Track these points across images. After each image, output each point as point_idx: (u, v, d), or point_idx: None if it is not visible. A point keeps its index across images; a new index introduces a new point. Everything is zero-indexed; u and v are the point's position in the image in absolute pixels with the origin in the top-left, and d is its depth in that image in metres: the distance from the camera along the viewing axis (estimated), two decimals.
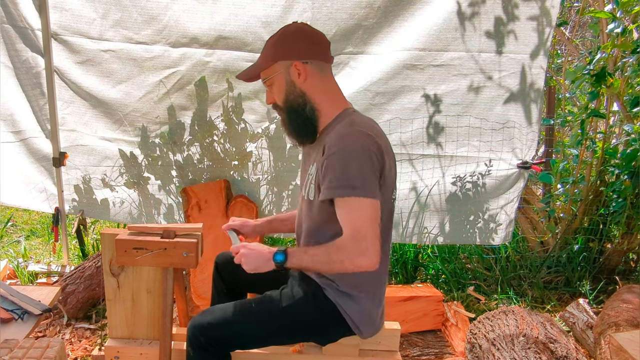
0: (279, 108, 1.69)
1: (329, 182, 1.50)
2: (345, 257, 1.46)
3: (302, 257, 1.53)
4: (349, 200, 1.48)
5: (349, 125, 1.56)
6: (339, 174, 1.48)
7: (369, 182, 1.49)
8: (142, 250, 1.71)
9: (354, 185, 1.47)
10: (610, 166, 3.29)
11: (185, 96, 3.01)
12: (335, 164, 1.49)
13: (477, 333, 2.38)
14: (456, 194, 3.14)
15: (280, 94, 1.65)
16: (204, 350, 1.58)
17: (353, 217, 1.47)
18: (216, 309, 1.66)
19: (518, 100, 2.96)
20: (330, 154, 1.51)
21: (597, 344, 2.32)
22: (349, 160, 1.48)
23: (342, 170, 1.48)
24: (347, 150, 1.49)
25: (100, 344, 2.54)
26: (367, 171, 1.49)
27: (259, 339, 1.66)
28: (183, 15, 2.81)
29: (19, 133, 3.15)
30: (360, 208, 1.47)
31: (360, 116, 1.65)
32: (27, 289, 2.10)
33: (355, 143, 1.50)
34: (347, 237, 1.47)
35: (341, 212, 1.51)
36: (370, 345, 1.82)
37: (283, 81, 1.63)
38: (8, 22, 2.89)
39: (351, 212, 1.48)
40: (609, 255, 3.37)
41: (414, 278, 3.29)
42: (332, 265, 1.49)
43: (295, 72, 1.61)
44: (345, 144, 1.50)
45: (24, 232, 4.19)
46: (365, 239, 1.45)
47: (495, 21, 2.83)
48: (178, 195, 3.18)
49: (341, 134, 1.54)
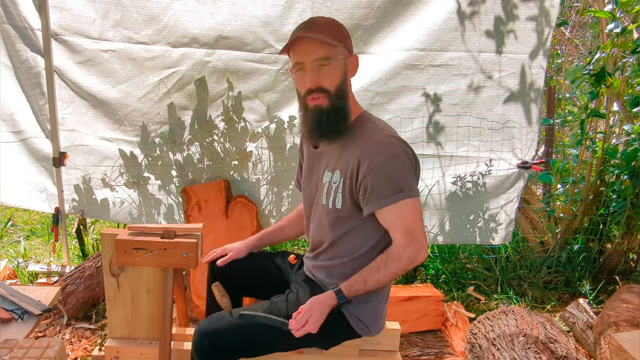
0: (325, 93, 1.57)
1: (380, 194, 1.52)
2: (404, 263, 1.53)
3: (360, 288, 1.55)
4: (397, 205, 1.52)
5: (379, 132, 1.58)
6: (389, 184, 1.51)
7: (411, 182, 1.54)
8: (142, 250, 1.71)
9: (402, 188, 1.51)
10: (610, 166, 3.29)
11: (185, 96, 3.01)
12: (381, 175, 1.51)
13: (477, 333, 2.38)
14: (456, 194, 3.14)
15: (335, 80, 1.58)
16: (209, 356, 1.57)
17: (403, 219, 1.53)
18: (222, 315, 1.64)
19: (518, 100, 2.96)
20: (375, 165, 1.52)
21: (597, 344, 2.32)
22: (393, 168, 1.51)
23: (391, 178, 1.51)
24: (389, 158, 1.52)
25: (100, 344, 2.54)
26: (408, 173, 1.54)
27: (264, 346, 1.65)
28: (183, 15, 2.81)
29: (19, 133, 3.15)
30: (408, 209, 1.53)
31: (379, 120, 1.67)
32: (27, 289, 2.10)
33: (395, 149, 1.53)
34: (401, 239, 1.53)
35: (390, 217, 1.54)
36: (370, 345, 1.82)
37: (341, 68, 1.59)
38: (8, 22, 2.89)
39: (400, 215, 1.53)
40: (609, 255, 3.37)
41: (414, 278, 3.29)
42: (393, 277, 1.56)
43: (352, 64, 1.63)
44: (386, 153, 1.52)
45: (24, 232, 4.19)
46: (419, 234, 1.53)
47: (495, 21, 2.82)
48: (178, 195, 3.18)
49: (377, 142, 1.55)
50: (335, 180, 1.61)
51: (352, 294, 1.55)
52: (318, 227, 1.71)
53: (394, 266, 1.53)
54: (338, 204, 1.61)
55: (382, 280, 1.54)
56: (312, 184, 1.74)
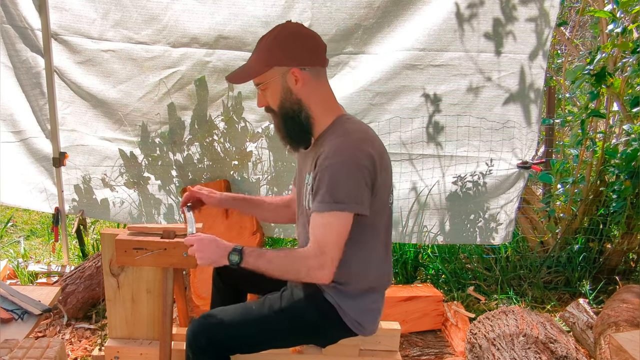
0: (273, 112, 1.64)
1: (321, 197, 1.50)
2: (304, 268, 1.51)
3: (257, 260, 1.53)
4: (328, 215, 1.49)
5: (343, 136, 1.54)
6: (327, 189, 1.48)
7: (354, 196, 1.49)
8: (142, 250, 1.71)
9: (337, 199, 1.48)
10: (610, 166, 3.29)
11: (185, 96, 3.01)
12: (325, 178, 1.49)
13: (477, 333, 2.38)
14: (456, 193, 3.14)
15: (276, 100, 1.61)
16: (203, 353, 1.57)
17: (323, 232, 1.50)
18: (216, 312, 1.65)
19: (517, 101, 2.96)
20: (323, 167, 1.50)
21: (597, 344, 2.32)
22: (338, 174, 1.48)
23: (330, 184, 1.48)
24: (337, 164, 1.48)
25: (100, 344, 2.54)
26: (354, 185, 1.49)
27: (259, 342, 1.66)
28: (183, 15, 2.81)
29: (19, 133, 3.15)
30: (335, 223, 1.49)
31: (354, 123, 1.63)
32: (27, 289, 2.10)
33: (347, 157, 1.49)
34: (311, 249, 1.51)
35: (314, 223, 1.52)
36: (370, 345, 1.82)
37: (279, 87, 1.59)
38: (8, 22, 2.89)
39: (324, 226, 1.50)
40: (609, 255, 3.37)
41: (414, 278, 3.29)
42: (287, 273, 1.55)
43: (293, 78, 1.57)
44: (337, 158, 1.49)
45: (24, 232, 4.19)
46: (326, 255, 1.49)
47: (494, 21, 2.82)
48: (178, 195, 3.18)
49: (335, 146, 1.52)
50: (309, 182, 1.61)
51: (252, 262, 1.53)
52: (302, 228, 1.72)
53: (297, 264, 1.51)
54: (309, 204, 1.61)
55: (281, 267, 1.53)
56: (300, 186, 1.75)
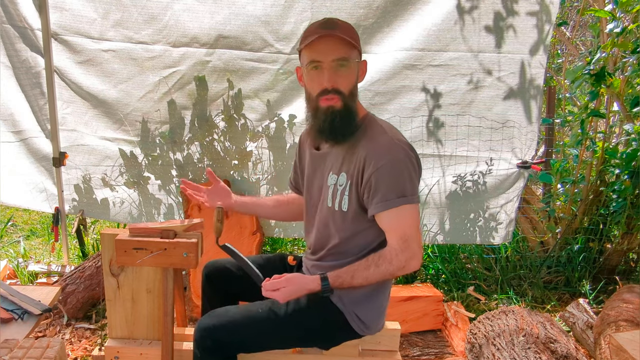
0: (339, 95, 1.56)
1: (382, 196, 1.52)
2: (397, 267, 1.53)
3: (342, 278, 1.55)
4: (397, 210, 1.52)
5: (384, 134, 1.58)
6: (392, 187, 1.52)
7: (414, 188, 1.55)
8: (142, 250, 1.71)
9: (405, 194, 1.52)
10: (610, 166, 3.28)
11: (185, 95, 3.01)
12: (385, 177, 1.52)
13: (477, 333, 2.38)
14: (456, 193, 3.14)
15: (350, 82, 1.58)
16: (210, 352, 1.58)
17: (401, 225, 1.53)
18: (223, 311, 1.65)
19: (518, 99, 2.96)
20: (379, 167, 1.52)
21: (597, 344, 2.32)
22: (397, 171, 1.52)
23: (395, 182, 1.52)
24: (395, 161, 1.53)
25: (100, 344, 2.54)
26: (414, 178, 1.55)
27: (264, 344, 1.66)
28: (183, 14, 2.81)
29: (19, 133, 3.15)
30: (408, 215, 1.54)
31: (384, 121, 1.67)
32: (27, 289, 2.10)
33: (400, 153, 1.54)
34: (396, 244, 1.53)
35: (389, 221, 1.55)
36: (370, 345, 1.82)
37: (355, 71, 1.60)
38: (8, 22, 2.89)
39: (399, 220, 1.53)
40: (609, 255, 3.37)
41: (414, 278, 3.29)
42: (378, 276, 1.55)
43: (362, 69, 1.64)
44: (392, 156, 1.53)
45: (24, 232, 4.19)
46: (414, 242, 1.52)
47: (494, 21, 2.83)
48: (178, 195, 3.18)
49: (382, 145, 1.55)
50: (342, 182, 1.61)
51: (338, 285, 1.55)
52: (323, 228, 1.70)
53: (384, 268, 1.53)
54: (344, 206, 1.61)
55: (369, 279, 1.54)
56: (316, 186, 1.73)
